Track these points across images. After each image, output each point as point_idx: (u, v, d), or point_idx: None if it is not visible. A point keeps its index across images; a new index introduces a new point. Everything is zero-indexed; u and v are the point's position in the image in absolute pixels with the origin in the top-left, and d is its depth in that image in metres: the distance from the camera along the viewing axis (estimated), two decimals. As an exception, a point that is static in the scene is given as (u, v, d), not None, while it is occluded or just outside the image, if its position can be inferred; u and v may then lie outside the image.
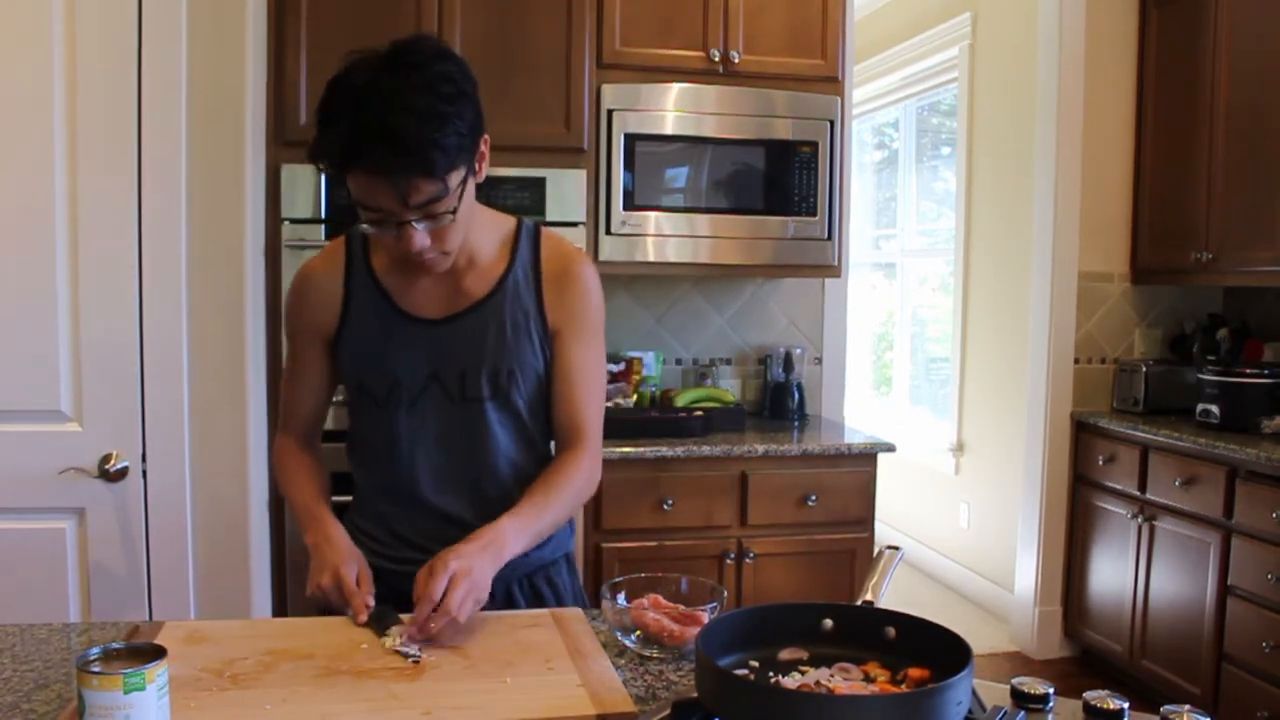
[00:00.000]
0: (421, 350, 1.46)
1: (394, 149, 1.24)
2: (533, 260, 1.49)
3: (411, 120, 1.24)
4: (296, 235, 2.68)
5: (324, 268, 1.51)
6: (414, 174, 1.26)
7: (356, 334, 1.48)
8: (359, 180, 1.29)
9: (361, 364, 1.48)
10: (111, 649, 0.95)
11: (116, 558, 2.14)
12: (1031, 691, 1.01)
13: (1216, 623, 3.03)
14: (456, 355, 1.45)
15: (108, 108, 2.08)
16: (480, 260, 1.47)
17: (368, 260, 1.49)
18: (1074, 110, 3.73)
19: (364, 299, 1.47)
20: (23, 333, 2.07)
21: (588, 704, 1.08)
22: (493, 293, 1.46)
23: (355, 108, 1.25)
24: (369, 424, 1.51)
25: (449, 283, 1.46)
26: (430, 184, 1.28)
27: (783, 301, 3.49)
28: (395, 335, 1.46)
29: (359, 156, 1.26)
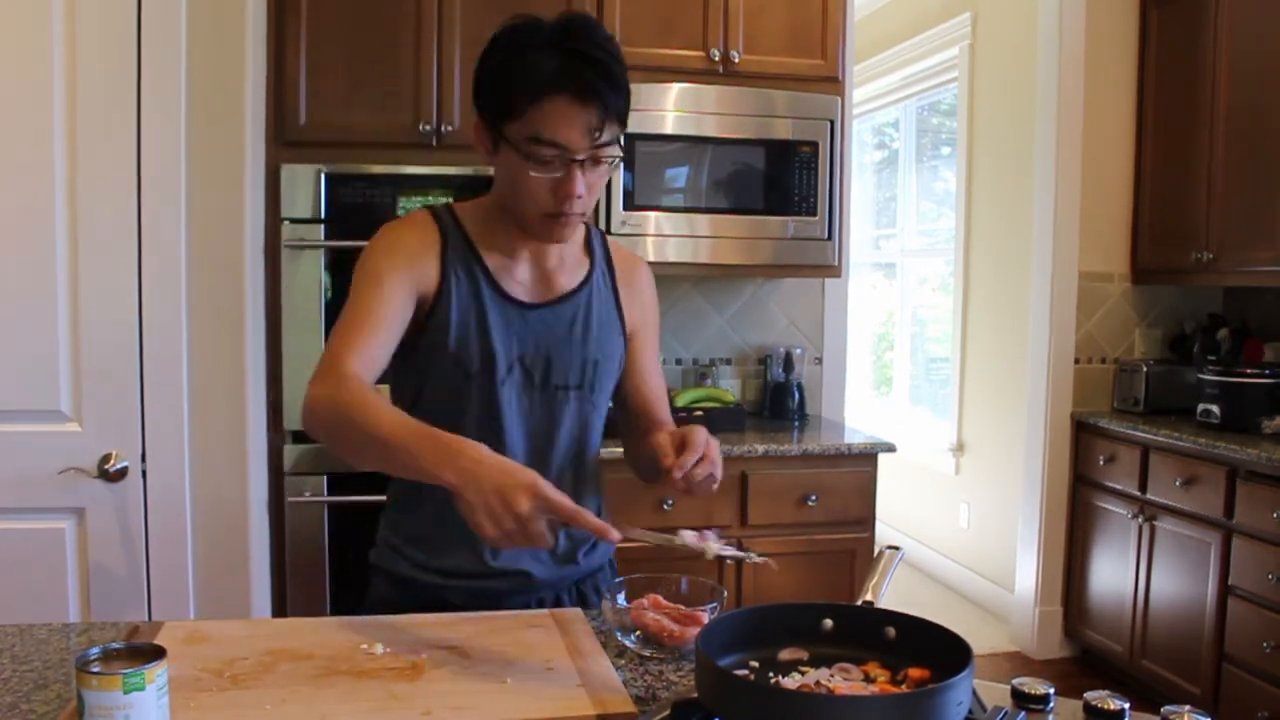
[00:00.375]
0: (514, 332, 1.44)
1: (603, 76, 1.28)
2: (606, 261, 1.54)
3: (610, 58, 1.29)
4: (296, 235, 2.68)
5: (419, 232, 1.43)
6: (612, 107, 1.29)
7: (454, 305, 1.40)
8: (555, 107, 1.28)
9: (457, 336, 1.40)
10: (111, 649, 0.95)
11: (116, 558, 2.14)
12: (1032, 692, 1.01)
13: (1217, 623, 3.03)
14: (545, 343, 1.45)
15: (108, 108, 2.08)
16: (569, 254, 1.50)
17: (465, 236, 1.44)
18: (1074, 110, 3.72)
19: (464, 272, 1.42)
20: (23, 333, 2.07)
21: (588, 704, 1.08)
22: (581, 286, 1.49)
23: (559, 39, 1.29)
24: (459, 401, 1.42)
25: (543, 272, 1.47)
26: (617, 124, 1.32)
27: (783, 301, 3.49)
28: (492, 312, 1.42)
29: (571, 78, 1.27)
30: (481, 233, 1.45)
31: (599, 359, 1.49)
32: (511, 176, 1.35)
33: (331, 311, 2.70)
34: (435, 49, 2.76)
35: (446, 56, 2.76)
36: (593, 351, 1.48)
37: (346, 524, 2.69)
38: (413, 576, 1.46)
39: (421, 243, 1.42)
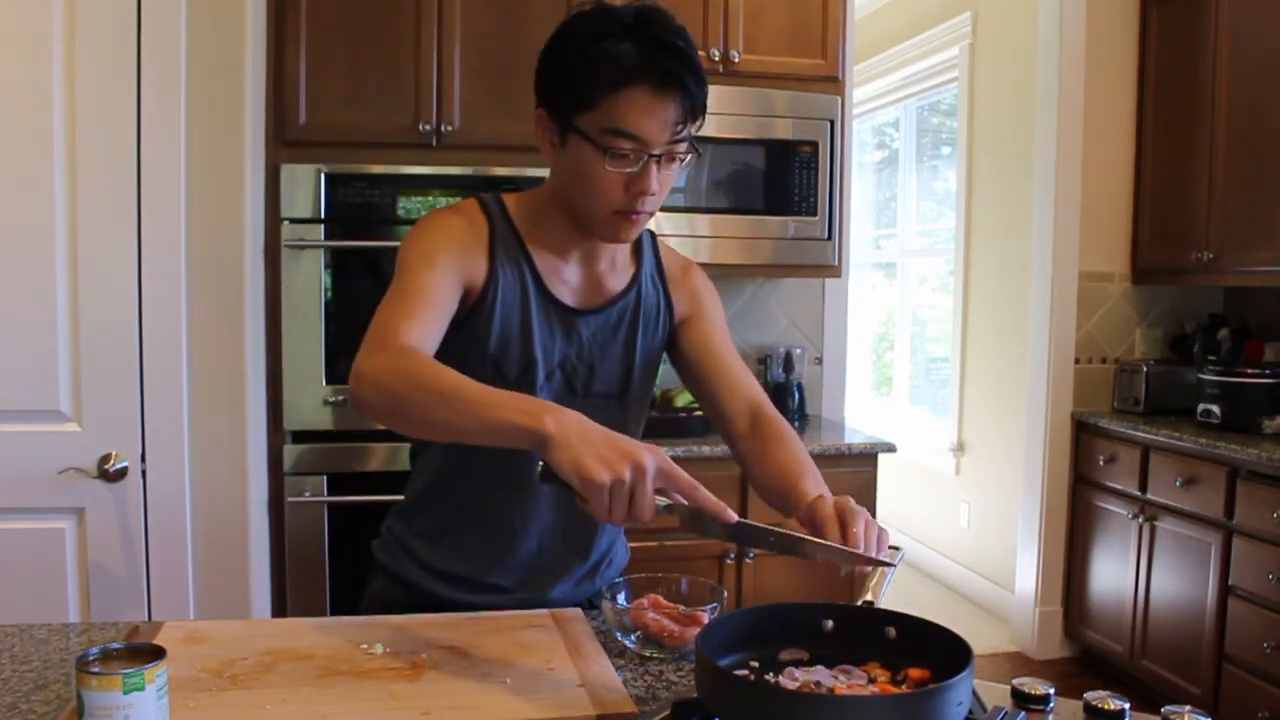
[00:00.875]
0: (557, 338, 1.39)
1: (685, 65, 1.24)
2: (655, 262, 1.50)
3: (690, 48, 1.25)
4: (296, 235, 2.68)
5: (469, 223, 1.36)
6: (693, 98, 1.25)
7: (499, 304, 1.35)
8: (635, 98, 1.23)
9: (499, 337, 1.35)
10: (111, 649, 0.95)
11: (116, 558, 2.14)
12: (1032, 692, 1.01)
13: (1217, 623, 3.03)
14: (589, 349, 1.41)
15: (107, 108, 2.08)
16: (619, 258, 1.46)
17: (517, 234, 1.38)
18: (1074, 110, 3.72)
19: (512, 271, 1.36)
20: (23, 333, 2.07)
21: (588, 704, 1.08)
22: (628, 289, 1.45)
23: (638, 27, 1.24)
24: None
25: (591, 275, 1.43)
26: (695, 118, 1.28)
27: (783, 301, 3.48)
28: (537, 315, 1.38)
29: (654, 66, 1.22)
30: (532, 229, 1.38)
31: (641, 366, 1.45)
32: (581, 171, 1.28)
33: (331, 311, 2.70)
34: (435, 49, 2.76)
35: (446, 56, 2.76)
36: (636, 358, 1.45)
37: (346, 524, 2.69)
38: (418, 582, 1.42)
39: (472, 232, 1.35)
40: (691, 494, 1.07)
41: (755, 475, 1.45)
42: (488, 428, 1.08)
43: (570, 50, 1.28)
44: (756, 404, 1.44)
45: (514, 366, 1.36)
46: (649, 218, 1.33)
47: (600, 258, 1.42)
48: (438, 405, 1.12)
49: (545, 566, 1.45)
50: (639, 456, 1.02)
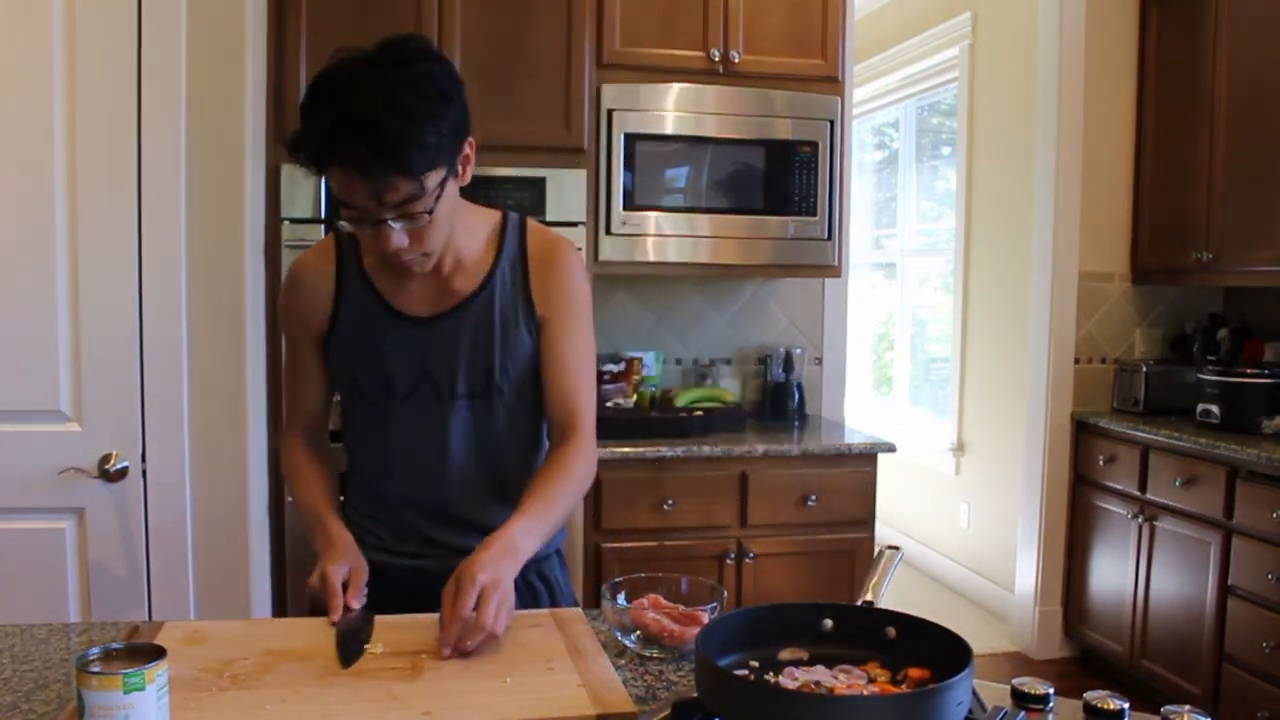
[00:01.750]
0: (412, 349, 1.46)
1: (371, 146, 1.22)
2: (519, 251, 1.48)
3: (390, 117, 1.22)
4: (296, 235, 2.68)
5: (315, 264, 1.51)
6: (390, 172, 1.24)
7: (348, 332, 1.48)
8: (336, 177, 1.27)
9: (353, 362, 1.48)
10: (111, 649, 0.95)
11: (116, 558, 2.14)
12: (1032, 692, 1.01)
13: (1217, 623, 3.03)
14: (446, 353, 1.45)
15: (108, 108, 2.08)
16: (467, 258, 1.46)
17: (358, 258, 1.48)
18: (1074, 110, 3.73)
19: (355, 297, 1.47)
20: (23, 333, 2.07)
21: (588, 704, 1.08)
22: (480, 289, 1.46)
23: (336, 102, 1.24)
24: (362, 421, 1.52)
25: (437, 282, 1.46)
26: (406, 183, 1.26)
27: (783, 301, 3.49)
28: (386, 334, 1.46)
29: (335, 152, 1.24)
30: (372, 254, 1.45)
31: (505, 361, 1.46)
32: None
33: (331, 311, 2.70)
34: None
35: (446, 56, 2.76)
36: (497, 354, 1.45)
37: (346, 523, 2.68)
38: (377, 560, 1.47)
39: (313, 282, 1.49)
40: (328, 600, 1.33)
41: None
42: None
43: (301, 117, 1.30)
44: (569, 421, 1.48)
45: (371, 387, 1.47)
46: (427, 259, 1.38)
47: (443, 264, 1.44)
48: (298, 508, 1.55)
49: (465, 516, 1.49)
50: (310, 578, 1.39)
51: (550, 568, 1.57)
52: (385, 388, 1.46)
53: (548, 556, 1.57)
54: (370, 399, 1.48)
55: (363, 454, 1.55)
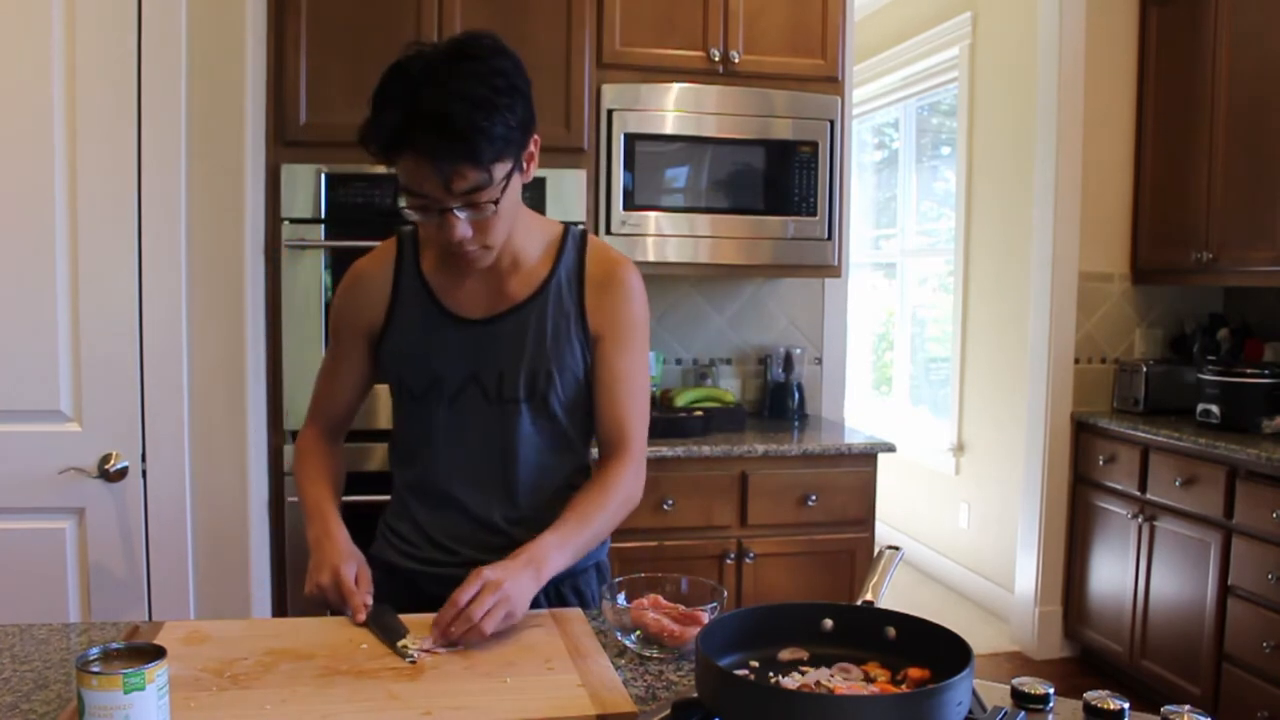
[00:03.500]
0: (463, 350, 1.46)
1: (442, 134, 1.25)
2: (577, 265, 1.49)
3: (462, 106, 1.26)
4: (296, 235, 2.68)
5: (375, 267, 1.52)
6: (460, 159, 1.27)
7: (400, 331, 1.49)
8: (406, 165, 1.30)
9: (403, 360, 1.49)
10: (111, 649, 0.95)
11: (116, 558, 2.14)
12: (1032, 691, 1.01)
13: (1217, 623, 3.03)
14: (496, 356, 1.46)
15: (108, 108, 2.08)
16: (524, 262, 1.47)
17: (417, 259, 1.50)
18: (1074, 109, 3.73)
19: (410, 297, 1.48)
20: (23, 333, 2.07)
21: (588, 704, 1.08)
22: (535, 295, 1.46)
23: (409, 92, 1.27)
24: (407, 420, 1.52)
25: (493, 284, 1.47)
26: (475, 171, 1.29)
27: (783, 301, 3.49)
28: (437, 334, 1.46)
29: (407, 140, 1.27)
30: (432, 252, 1.48)
31: (552, 369, 1.46)
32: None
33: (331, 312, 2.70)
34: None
35: (446, 56, 2.76)
36: (544, 362, 1.45)
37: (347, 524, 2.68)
38: (393, 562, 1.52)
39: (371, 281, 1.51)
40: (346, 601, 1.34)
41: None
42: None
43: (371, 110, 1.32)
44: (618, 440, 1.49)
45: (419, 386, 1.48)
46: (488, 252, 1.39)
47: (500, 264, 1.46)
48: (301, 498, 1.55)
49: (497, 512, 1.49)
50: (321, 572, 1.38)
51: (587, 582, 1.56)
52: (432, 386, 1.47)
53: (584, 570, 1.56)
54: (415, 397, 1.48)
55: (404, 453, 1.55)
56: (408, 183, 1.31)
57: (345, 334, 1.55)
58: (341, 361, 1.56)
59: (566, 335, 1.46)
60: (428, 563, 1.50)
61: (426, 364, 1.47)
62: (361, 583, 1.37)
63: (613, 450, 1.49)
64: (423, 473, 1.51)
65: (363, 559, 1.43)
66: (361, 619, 1.31)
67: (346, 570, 1.37)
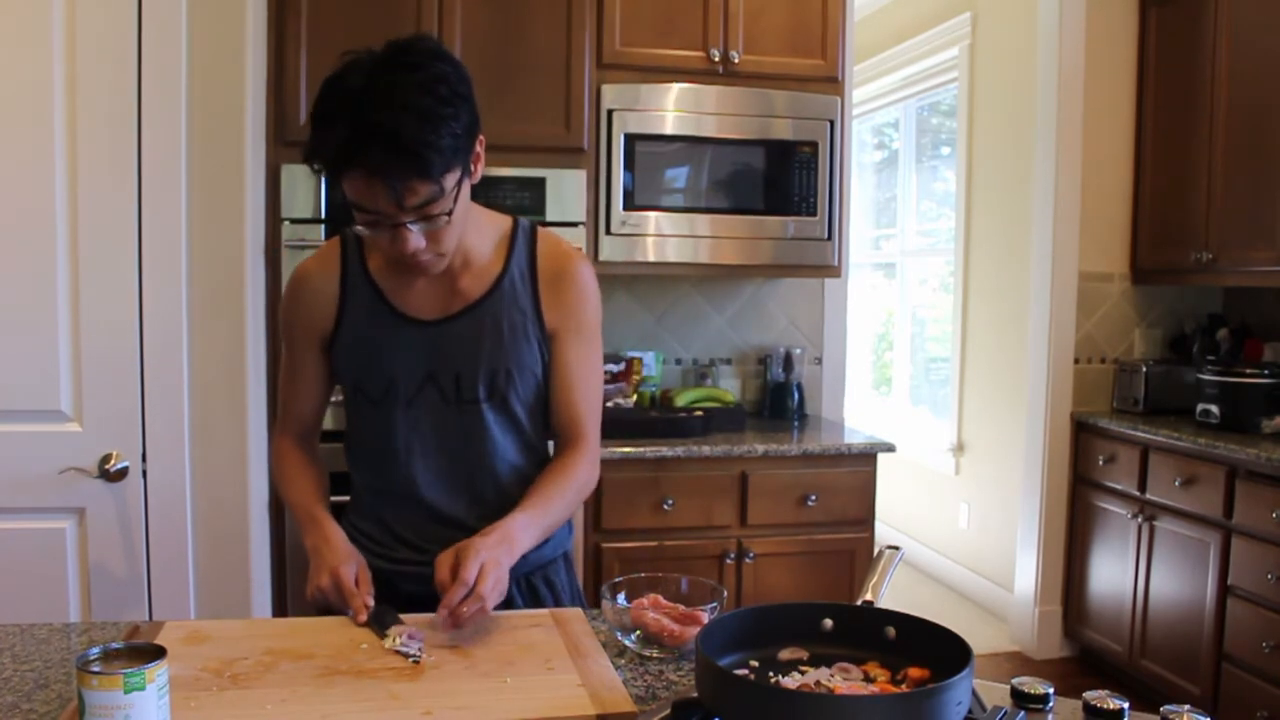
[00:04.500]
0: (418, 351, 1.45)
1: (390, 149, 1.23)
2: (529, 260, 1.48)
3: (408, 120, 1.23)
4: (296, 235, 2.68)
5: (319, 268, 1.50)
6: (410, 176, 1.25)
7: (352, 334, 1.47)
8: (354, 181, 1.27)
9: (357, 364, 1.48)
10: (111, 649, 0.95)
11: (116, 558, 2.14)
12: (1031, 691, 1.01)
13: (1216, 623, 3.03)
14: (452, 357, 1.45)
15: (108, 108, 2.08)
16: (476, 261, 1.46)
17: (363, 261, 1.48)
18: (1074, 110, 3.73)
19: (359, 299, 1.47)
20: (23, 333, 2.07)
21: (588, 704, 1.08)
22: (489, 293, 1.45)
23: (351, 107, 1.24)
24: (365, 424, 1.51)
25: (445, 284, 1.46)
26: (426, 185, 1.27)
27: (783, 301, 3.49)
28: (391, 336, 1.45)
29: (354, 157, 1.24)
30: (380, 255, 1.45)
31: (510, 368, 1.45)
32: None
33: (331, 311, 2.70)
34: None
35: (446, 56, 2.76)
36: (503, 361, 1.45)
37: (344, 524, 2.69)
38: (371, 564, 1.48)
39: (318, 283, 1.48)
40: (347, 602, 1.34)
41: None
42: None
43: (311, 124, 1.30)
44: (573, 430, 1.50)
45: (376, 389, 1.47)
46: (441, 259, 1.38)
47: (452, 265, 1.44)
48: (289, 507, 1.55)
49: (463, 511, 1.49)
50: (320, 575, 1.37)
51: (555, 572, 1.57)
52: (388, 390, 1.46)
53: (553, 560, 1.57)
54: (373, 400, 1.47)
55: (364, 457, 1.55)
56: (357, 199, 1.29)
57: (298, 339, 1.52)
58: (299, 367, 1.54)
59: (524, 333, 1.46)
60: (400, 561, 1.50)
61: (380, 366, 1.45)
62: (362, 583, 1.36)
63: (568, 441, 1.50)
64: (384, 475, 1.50)
65: (362, 560, 1.43)
66: (363, 619, 1.31)
67: (346, 572, 1.36)
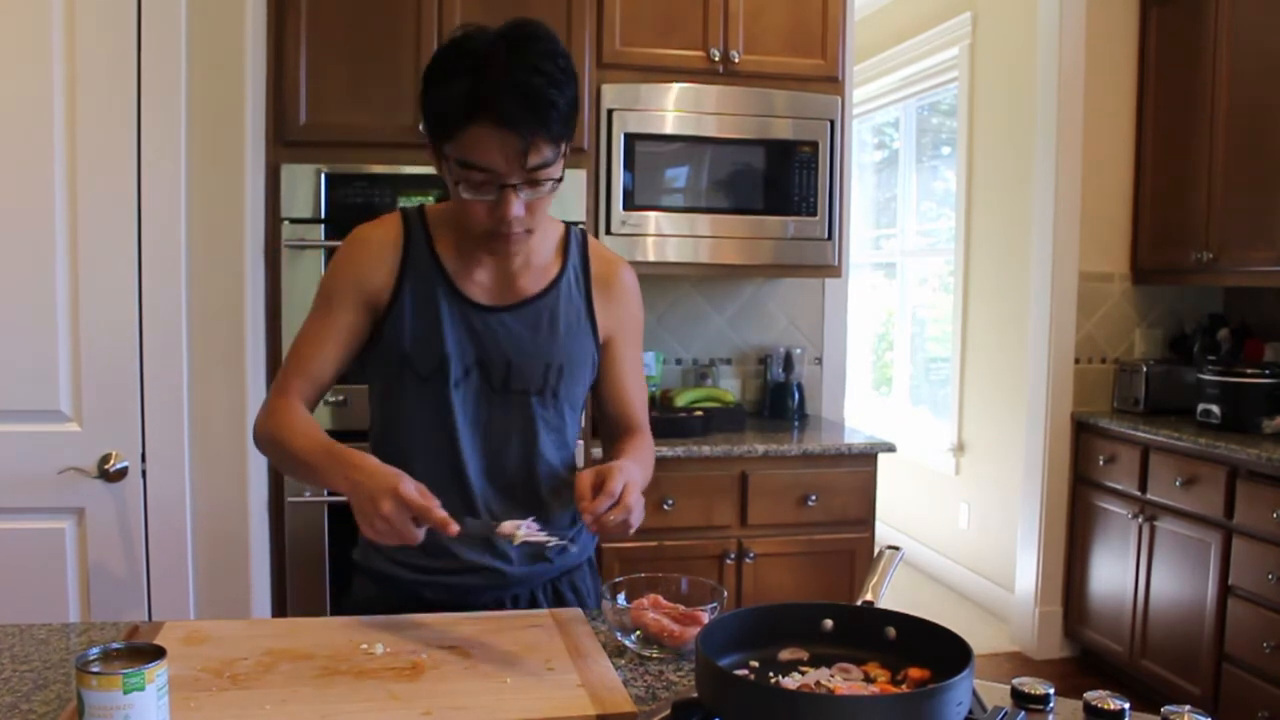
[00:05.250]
0: (472, 335, 1.44)
1: (523, 102, 1.25)
2: (582, 263, 1.52)
3: (539, 80, 1.26)
4: (296, 235, 2.68)
5: (382, 236, 1.47)
6: (539, 130, 1.26)
7: (409, 308, 1.43)
8: (479, 134, 1.27)
9: (413, 336, 1.43)
10: (111, 649, 0.95)
11: (116, 558, 2.14)
12: (1032, 692, 1.01)
13: (1217, 623, 3.03)
14: (505, 346, 1.44)
15: (108, 108, 2.08)
16: (537, 258, 1.48)
17: (429, 239, 1.46)
18: (1074, 110, 3.72)
19: (421, 273, 1.44)
20: (22, 333, 2.07)
21: (588, 704, 1.08)
22: (547, 290, 1.47)
23: (482, 61, 1.26)
24: (411, 403, 1.45)
25: (506, 275, 1.46)
26: (548, 146, 1.29)
27: (783, 301, 3.49)
28: (448, 315, 1.43)
29: (488, 107, 1.25)
30: (446, 235, 1.46)
31: (563, 363, 1.47)
32: (454, 193, 1.35)
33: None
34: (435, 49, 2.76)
35: (446, 56, 2.76)
36: (556, 356, 1.46)
37: (347, 524, 2.67)
38: (391, 573, 1.47)
39: (380, 249, 1.45)
40: (425, 515, 1.21)
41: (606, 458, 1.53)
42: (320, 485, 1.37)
43: (429, 84, 1.33)
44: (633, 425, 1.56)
45: (426, 366, 1.43)
46: (527, 236, 1.38)
47: (513, 259, 1.45)
48: (290, 462, 1.39)
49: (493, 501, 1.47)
50: (381, 506, 1.20)
51: (581, 578, 1.56)
52: (439, 367, 1.43)
53: (578, 566, 1.56)
54: (422, 377, 1.43)
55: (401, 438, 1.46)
56: (470, 156, 1.28)
57: (346, 296, 1.44)
58: (330, 328, 1.44)
59: (577, 332, 1.49)
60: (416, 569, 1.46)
61: (434, 343, 1.42)
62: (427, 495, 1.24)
63: (628, 431, 1.55)
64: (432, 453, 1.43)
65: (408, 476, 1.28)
66: (456, 530, 1.21)
67: (408, 489, 1.22)
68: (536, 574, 1.49)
